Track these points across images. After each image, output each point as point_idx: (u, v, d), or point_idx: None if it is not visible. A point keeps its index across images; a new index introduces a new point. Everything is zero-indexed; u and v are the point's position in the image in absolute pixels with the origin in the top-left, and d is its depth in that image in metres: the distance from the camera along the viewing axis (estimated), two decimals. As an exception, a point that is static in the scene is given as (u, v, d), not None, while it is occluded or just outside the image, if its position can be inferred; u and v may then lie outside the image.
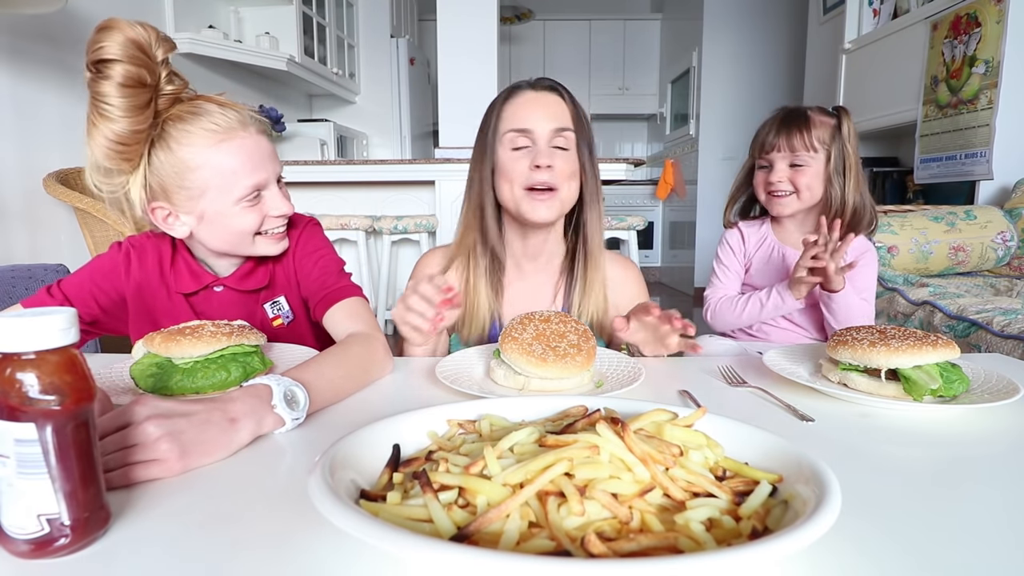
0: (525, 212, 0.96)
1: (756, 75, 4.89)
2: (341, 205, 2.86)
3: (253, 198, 0.86)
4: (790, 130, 1.20)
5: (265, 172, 0.87)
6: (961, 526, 0.42)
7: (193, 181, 0.83)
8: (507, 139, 0.97)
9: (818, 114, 1.22)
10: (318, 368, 0.69)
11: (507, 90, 1.01)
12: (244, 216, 0.87)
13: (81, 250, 2.23)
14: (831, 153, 1.20)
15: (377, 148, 4.94)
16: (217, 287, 0.95)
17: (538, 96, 0.98)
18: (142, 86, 0.77)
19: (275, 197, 0.89)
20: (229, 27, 3.53)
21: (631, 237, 2.79)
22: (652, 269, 6.00)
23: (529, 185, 0.95)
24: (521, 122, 0.96)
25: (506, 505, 0.34)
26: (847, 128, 1.21)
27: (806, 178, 1.21)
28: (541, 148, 0.95)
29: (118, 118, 0.76)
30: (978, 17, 2.56)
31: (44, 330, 0.36)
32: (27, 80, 2.16)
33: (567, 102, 0.99)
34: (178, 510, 0.44)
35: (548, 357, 0.74)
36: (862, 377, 0.71)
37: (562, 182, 0.95)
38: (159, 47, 0.79)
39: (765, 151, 1.24)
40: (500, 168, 0.97)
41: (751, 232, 1.35)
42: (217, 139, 0.82)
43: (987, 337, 1.61)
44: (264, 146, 0.88)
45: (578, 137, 0.98)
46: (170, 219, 0.86)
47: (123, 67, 0.75)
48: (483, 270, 1.02)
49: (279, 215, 0.90)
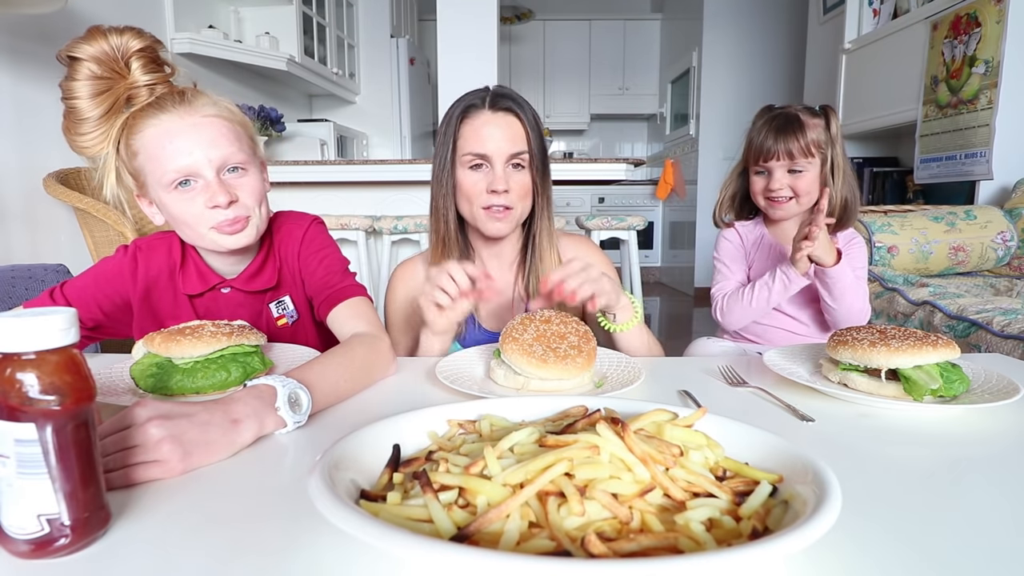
0: (483, 228, 1.04)
1: (756, 75, 4.89)
2: (341, 205, 2.86)
3: (181, 184, 0.82)
4: (787, 137, 1.20)
5: (191, 157, 0.81)
6: (961, 526, 0.42)
7: (135, 167, 0.85)
8: (465, 160, 1.00)
9: (809, 116, 1.23)
10: (322, 370, 0.68)
11: (464, 107, 1.02)
12: (181, 204, 0.83)
13: (81, 250, 2.23)
14: (826, 156, 1.22)
15: (377, 148, 4.94)
16: (224, 288, 0.95)
17: (495, 119, 1.00)
18: (99, 78, 0.79)
19: (208, 186, 0.82)
20: (229, 27, 3.53)
21: (631, 237, 2.78)
22: (652, 269, 6.00)
23: (486, 205, 1.01)
24: (478, 147, 0.99)
25: (506, 505, 0.34)
26: (835, 128, 1.22)
27: (805, 183, 1.22)
28: (498, 173, 0.99)
29: (81, 109, 0.80)
30: (978, 17, 2.56)
31: (44, 330, 0.36)
32: (27, 80, 2.16)
33: (523, 121, 1.01)
34: (178, 510, 0.44)
35: (549, 358, 0.73)
36: (862, 377, 0.71)
37: (517, 201, 1.02)
38: (135, 39, 0.81)
39: (764, 159, 1.24)
40: (459, 187, 1.03)
41: (747, 231, 1.36)
42: (154, 124, 0.82)
43: (987, 337, 1.61)
44: (208, 131, 0.82)
45: (532, 157, 1.01)
46: (151, 208, 0.89)
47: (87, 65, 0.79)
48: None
49: (212, 206, 0.83)
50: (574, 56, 6.27)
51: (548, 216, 1.08)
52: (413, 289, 1.09)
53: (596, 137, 6.77)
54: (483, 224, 1.03)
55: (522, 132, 1.01)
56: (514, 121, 1.00)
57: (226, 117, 0.86)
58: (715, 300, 1.35)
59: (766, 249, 1.33)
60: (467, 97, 1.03)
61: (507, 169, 1.00)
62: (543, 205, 1.07)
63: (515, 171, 1.01)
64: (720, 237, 1.38)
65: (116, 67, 0.80)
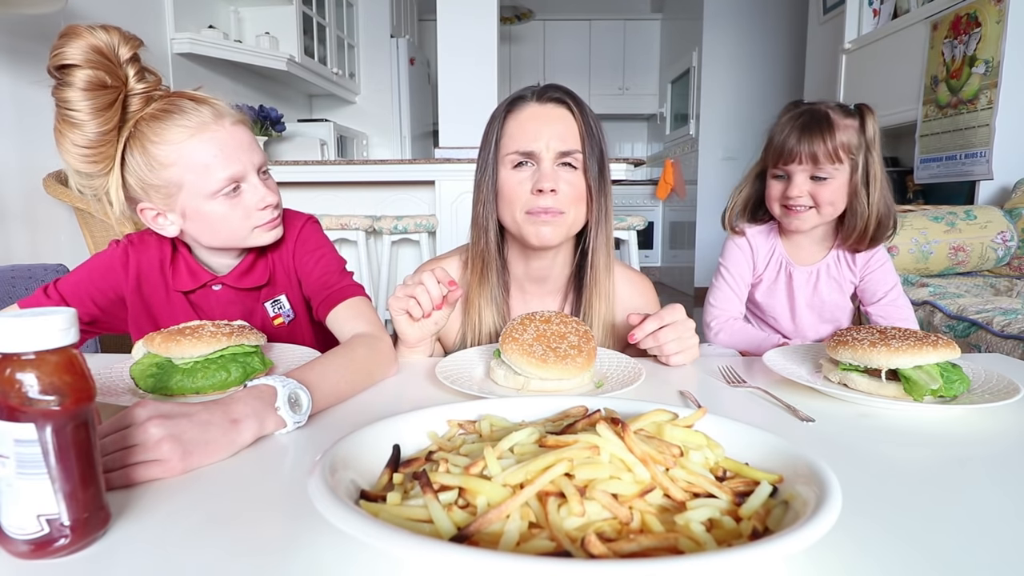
0: (527, 236, 0.90)
1: (756, 75, 4.89)
2: (341, 205, 2.86)
3: (231, 191, 0.85)
4: (812, 138, 1.06)
5: (240, 163, 0.85)
6: (962, 526, 0.42)
7: (167, 179, 0.83)
8: (509, 160, 0.90)
9: (840, 116, 1.08)
10: (322, 370, 0.68)
11: (510, 100, 0.93)
12: (226, 210, 0.85)
13: (81, 250, 2.23)
14: (856, 163, 1.07)
15: (377, 148, 4.94)
16: (215, 286, 0.95)
17: (544, 111, 0.90)
18: (104, 87, 0.77)
19: (256, 187, 0.87)
20: (229, 27, 3.53)
21: (631, 237, 2.79)
22: (652, 269, 6.00)
23: (531, 209, 0.89)
24: (524, 143, 0.88)
25: (506, 505, 0.34)
26: (872, 130, 1.07)
27: (828, 192, 1.07)
28: (545, 171, 0.88)
29: (84, 122, 0.77)
30: (978, 17, 2.56)
31: (44, 330, 0.36)
32: (27, 80, 2.16)
33: (576, 116, 0.90)
34: (178, 510, 0.44)
35: (549, 358, 0.73)
36: (862, 377, 0.71)
37: (568, 206, 0.89)
38: (123, 46, 0.79)
39: (784, 161, 1.10)
40: (501, 190, 0.91)
41: (760, 243, 1.22)
42: (189, 134, 0.81)
43: (987, 337, 1.61)
44: (240, 136, 0.86)
45: (587, 157, 0.90)
46: (159, 219, 0.87)
47: (83, 72, 0.75)
48: (488, 290, 0.97)
49: (264, 206, 0.88)
50: (574, 56, 6.28)
51: (607, 232, 0.94)
52: None
53: (597, 138, 6.77)
54: (527, 230, 0.90)
55: (575, 128, 0.89)
56: (565, 114, 0.89)
57: (244, 121, 0.88)
58: (713, 319, 1.23)
59: (776, 267, 1.22)
60: (516, 92, 0.93)
61: (556, 168, 0.88)
62: (600, 219, 0.93)
63: (565, 171, 0.89)
64: (730, 242, 1.24)
65: (114, 74, 0.78)
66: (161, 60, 2.84)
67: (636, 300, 1.03)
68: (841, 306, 1.22)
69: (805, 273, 1.20)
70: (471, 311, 0.99)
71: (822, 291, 1.20)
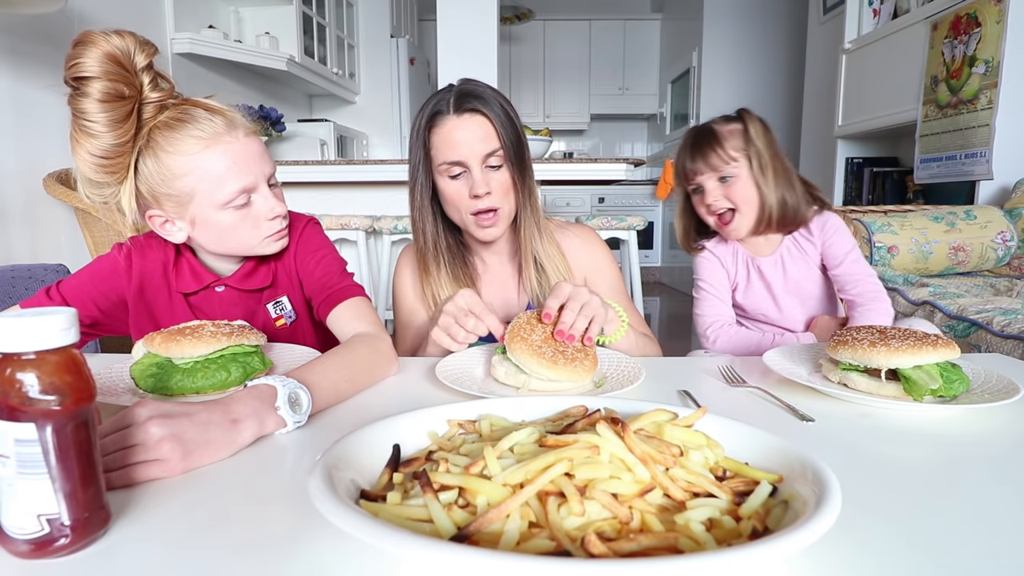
0: (475, 234, 1.05)
1: (756, 75, 4.89)
2: (341, 205, 2.86)
3: (243, 203, 0.86)
4: (703, 150, 1.20)
5: (252, 175, 0.85)
6: (962, 526, 0.42)
7: (180, 188, 0.82)
8: (443, 169, 1.00)
9: (723, 124, 1.22)
10: (322, 370, 0.68)
11: (429, 115, 1.01)
12: (236, 220, 0.86)
13: (81, 250, 2.23)
14: (750, 157, 1.19)
15: (377, 148, 4.94)
16: (218, 287, 0.95)
17: (462, 122, 0.98)
18: (122, 99, 0.77)
19: (266, 199, 0.88)
20: (229, 27, 3.53)
21: (631, 237, 2.79)
22: (652, 269, 6.00)
23: (473, 211, 1.01)
24: (452, 154, 0.98)
25: (506, 505, 0.34)
26: (753, 129, 1.20)
27: (739, 190, 1.20)
28: (476, 178, 0.98)
29: (101, 133, 0.76)
30: (978, 17, 2.56)
31: (44, 330, 0.36)
32: (27, 80, 2.16)
33: (491, 118, 0.99)
34: (178, 510, 0.44)
35: (559, 360, 0.74)
36: (862, 377, 0.71)
37: (501, 199, 1.01)
38: (139, 54, 0.78)
39: (689, 178, 1.24)
40: (444, 197, 1.03)
41: (722, 251, 1.31)
42: (203, 145, 0.81)
43: (987, 337, 1.61)
44: (253, 148, 0.87)
45: (507, 152, 1.00)
46: (167, 226, 0.87)
47: (101, 83, 0.74)
48: (446, 270, 1.09)
49: (273, 216, 0.89)
50: (574, 56, 6.27)
51: (532, 207, 1.07)
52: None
53: (596, 137, 6.77)
54: (474, 231, 1.04)
55: (492, 129, 0.99)
56: (482, 120, 0.99)
57: (255, 131, 0.89)
58: (707, 327, 1.28)
59: (745, 268, 1.29)
60: (431, 102, 1.01)
61: (485, 171, 0.99)
62: (525, 198, 1.05)
63: (493, 171, 1.00)
64: (698, 258, 1.34)
65: (131, 84, 0.78)
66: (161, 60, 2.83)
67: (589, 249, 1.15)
68: (815, 280, 1.28)
69: (771, 262, 1.28)
70: (438, 303, 1.05)
71: (791, 271, 1.27)
